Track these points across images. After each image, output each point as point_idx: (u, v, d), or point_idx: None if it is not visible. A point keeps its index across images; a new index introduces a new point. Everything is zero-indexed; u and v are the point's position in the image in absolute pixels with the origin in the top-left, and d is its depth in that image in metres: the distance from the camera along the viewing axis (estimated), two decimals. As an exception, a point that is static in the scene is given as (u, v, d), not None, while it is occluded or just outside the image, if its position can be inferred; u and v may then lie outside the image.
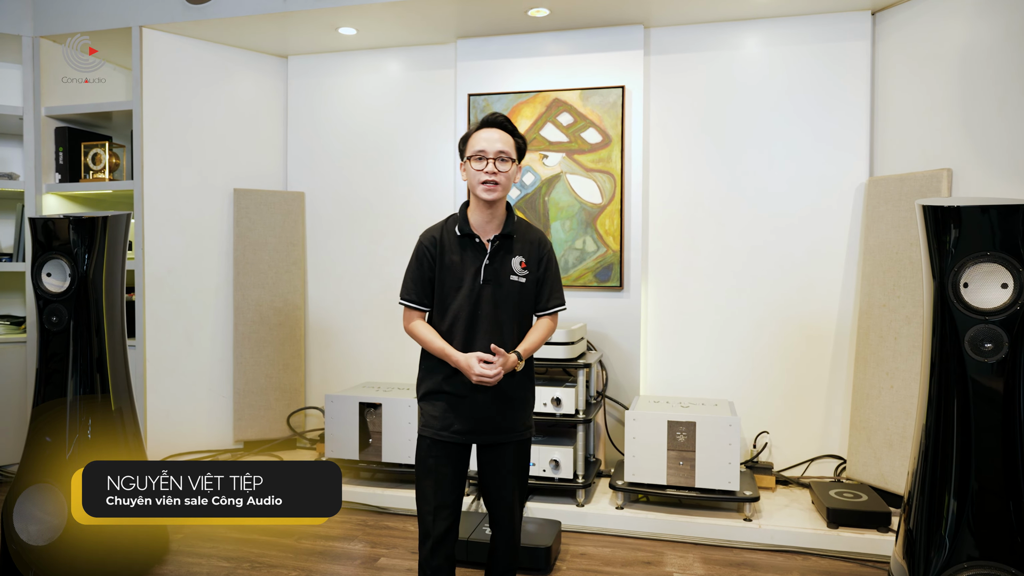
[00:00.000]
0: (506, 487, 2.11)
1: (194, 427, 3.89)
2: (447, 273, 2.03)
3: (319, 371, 4.20)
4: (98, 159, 3.83)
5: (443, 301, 2.05)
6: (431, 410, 2.07)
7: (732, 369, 3.62)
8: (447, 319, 2.04)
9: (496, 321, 2.02)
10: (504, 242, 2.06)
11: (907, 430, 3.07)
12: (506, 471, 2.10)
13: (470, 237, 2.05)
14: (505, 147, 2.00)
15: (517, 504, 2.14)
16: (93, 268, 2.62)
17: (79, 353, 2.60)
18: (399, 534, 3.08)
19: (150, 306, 3.70)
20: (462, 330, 2.02)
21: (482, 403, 2.03)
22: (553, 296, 2.12)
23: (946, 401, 1.97)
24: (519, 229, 2.09)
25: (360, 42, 3.93)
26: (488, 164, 1.98)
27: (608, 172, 3.60)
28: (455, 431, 2.04)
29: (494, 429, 2.06)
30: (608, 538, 3.05)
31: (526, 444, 2.15)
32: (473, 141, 2.03)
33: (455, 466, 2.08)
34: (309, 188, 4.18)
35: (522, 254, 2.07)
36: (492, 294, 2.02)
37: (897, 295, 3.17)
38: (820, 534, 2.90)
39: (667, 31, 3.64)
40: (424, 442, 2.09)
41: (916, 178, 3.13)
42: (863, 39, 3.42)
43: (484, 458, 2.12)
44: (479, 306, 2.02)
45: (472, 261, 2.03)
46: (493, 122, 2.03)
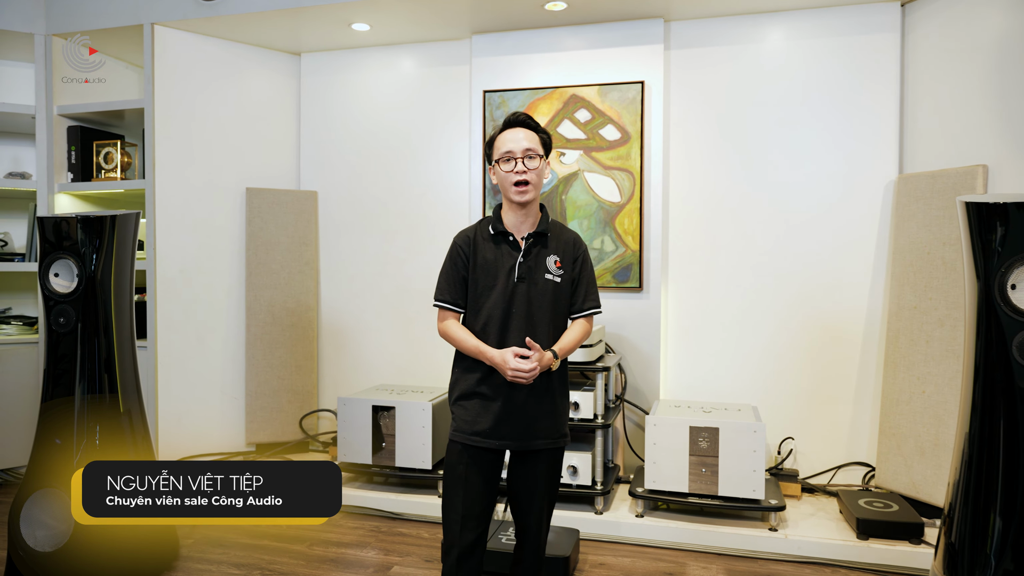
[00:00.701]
0: (536, 497, 2.05)
1: (205, 430, 3.84)
2: (481, 272, 2.01)
3: (332, 373, 4.14)
4: (110, 158, 3.79)
5: (476, 300, 2.02)
6: (463, 414, 2.02)
7: (755, 372, 3.51)
8: (481, 318, 2.00)
9: (531, 320, 1.98)
10: (538, 240, 2.03)
11: (940, 437, 2.95)
12: (537, 480, 2.04)
13: (503, 235, 2.02)
14: (531, 144, 1.99)
15: (546, 515, 2.08)
16: (101, 268, 2.57)
17: (87, 354, 2.55)
18: (413, 541, 3.00)
19: (161, 307, 3.65)
20: (496, 329, 1.98)
21: (516, 407, 1.98)
22: (588, 297, 2.07)
23: (991, 410, 1.86)
24: (554, 228, 2.07)
25: (373, 38, 3.87)
26: (517, 164, 1.97)
27: (627, 170, 3.50)
28: (487, 435, 1.98)
29: (527, 435, 2.00)
30: (628, 547, 2.96)
31: (559, 453, 2.09)
32: (498, 143, 2.02)
33: (486, 474, 2.01)
34: (322, 187, 4.12)
35: (557, 253, 2.03)
36: (526, 292, 1.98)
37: (929, 296, 3.04)
38: (849, 545, 2.78)
39: (688, 24, 3.54)
40: (454, 447, 2.03)
41: (949, 175, 3.01)
42: (892, 31, 3.30)
43: (515, 465, 2.06)
44: (513, 304, 1.98)
45: (506, 259, 2.00)
46: (515, 121, 2.03)
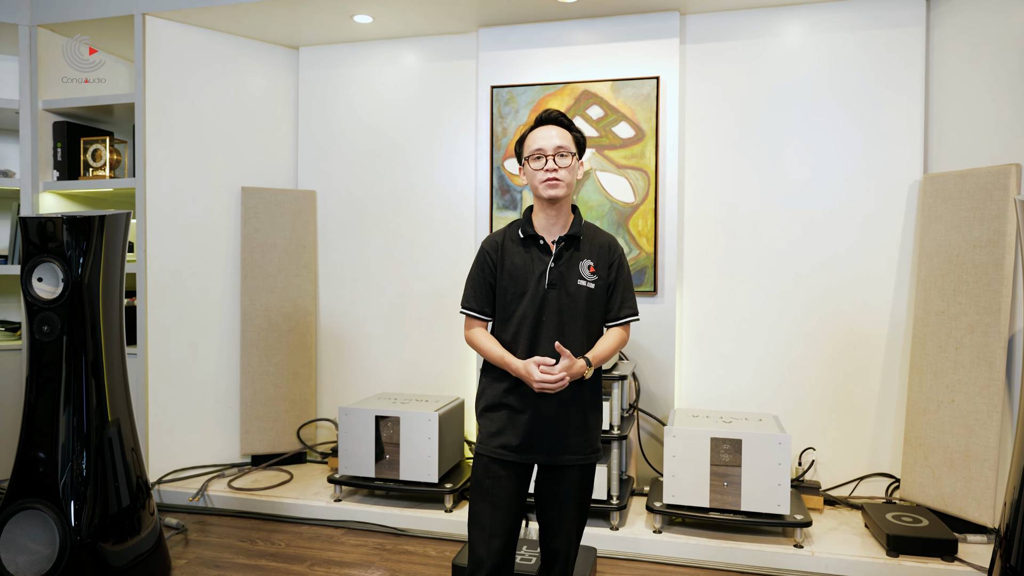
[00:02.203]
0: (566, 516, 1.91)
1: (198, 440, 3.66)
2: (509, 278, 1.89)
3: (331, 381, 3.97)
4: (98, 155, 3.61)
5: (505, 308, 1.90)
6: (489, 426, 1.91)
7: (773, 379, 3.38)
8: (511, 327, 1.89)
9: (562, 329, 1.86)
10: (570, 243, 1.90)
11: (971, 448, 2.82)
12: (566, 497, 1.90)
13: (534, 239, 1.90)
14: (563, 142, 1.88)
15: (576, 536, 1.94)
16: (89, 272, 2.40)
17: (72, 363, 2.38)
18: (419, 560, 2.84)
19: (152, 312, 3.48)
20: (526, 339, 1.86)
21: (545, 420, 1.86)
22: (626, 304, 1.94)
23: (1055, 425, 1.73)
24: (587, 231, 1.94)
25: (376, 31, 3.71)
26: (547, 161, 1.86)
27: (641, 169, 3.36)
28: (514, 449, 1.86)
29: (556, 449, 1.88)
30: (646, 564, 2.81)
31: (590, 470, 1.95)
32: (529, 141, 1.91)
33: (513, 489, 1.89)
34: (321, 187, 3.96)
35: (590, 257, 1.90)
36: (558, 299, 1.86)
37: (958, 301, 2.92)
38: (879, 563, 2.65)
39: (704, 18, 3.40)
40: (480, 461, 1.91)
41: (979, 174, 2.88)
42: (917, 25, 3.18)
43: (543, 481, 1.93)
44: (543, 312, 1.86)
45: (536, 264, 1.88)
46: (548, 119, 1.92)
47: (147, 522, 2.55)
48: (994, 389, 2.76)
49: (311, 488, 3.44)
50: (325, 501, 3.26)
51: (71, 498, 2.34)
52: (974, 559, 2.61)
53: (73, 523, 2.31)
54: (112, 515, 2.41)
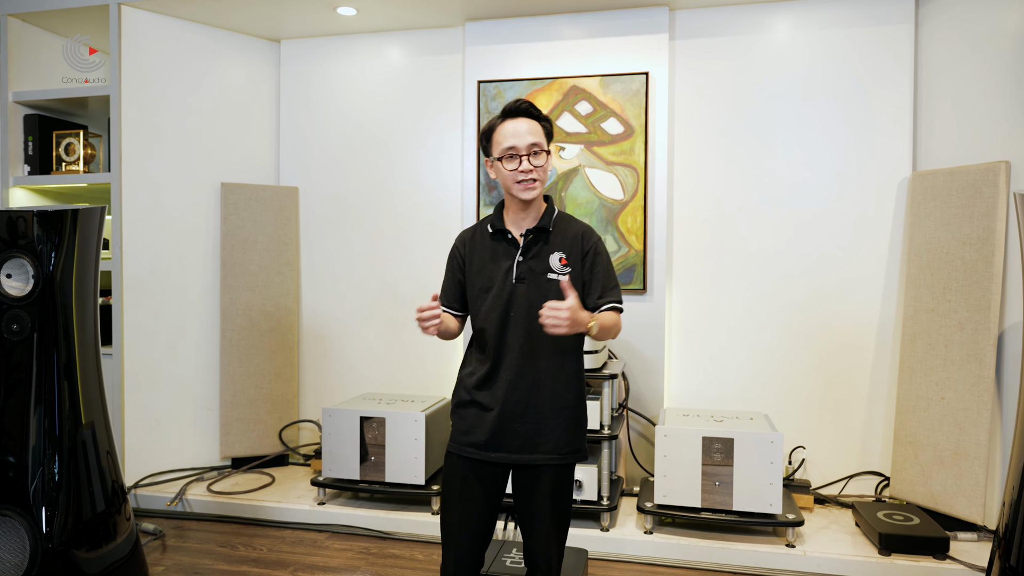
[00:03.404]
0: (539, 519, 1.82)
1: (177, 443, 3.56)
2: (477, 274, 1.84)
3: (314, 381, 3.89)
4: (72, 149, 3.49)
5: (473, 304, 1.85)
6: (459, 423, 1.85)
7: (762, 378, 3.36)
8: (478, 322, 1.84)
9: (531, 323, 1.76)
10: (539, 236, 1.82)
11: (961, 446, 2.81)
12: (542, 499, 1.81)
13: (502, 233, 1.84)
14: (536, 138, 1.79)
15: (555, 540, 1.84)
16: (61, 268, 2.30)
17: (44, 363, 2.28)
18: (407, 564, 2.78)
19: (128, 311, 3.37)
20: (493, 336, 1.79)
21: (514, 415, 1.78)
22: (607, 293, 1.81)
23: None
24: (559, 222, 1.85)
25: (360, 24, 3.63)
26: (522, 162, 1.77)
27: (630, 166, 3.32)
28: (482, 447, 1.79)
29: (527, 447, 1.79)
30: (637, 566, 2.77)
31: (567, 471, 1.84)
32: (499, 136, 1.80)
33: (485, 488, 1.82)
34: (303, 183, 3.87)
35: (561, 249, 1.81)
36: (526, 294, 1.78)
37: (948, 299, 2.91)
38: (872, 562, 2.63)
39: (694, 13, 3.37)
40: (450, 459, 1.85)
41: (969, 172, 2.88)
42: (905, 22, 3.17)
43: (517, 482, 1.85)
44: (512, 307, 1.78)
45: (504, 259, 1.82)
46: (518, 110, 1.81)
47: (123, 528, 2.45)
48: (984, 386, 2.76)
49: (294, 491, 3.35)
50: (308, 504, 3.17)
51: (42, 504, 2.24)
52: (965, 557, 2.60)
53: (45, 530, 2.21)
54: (86, 521, 2.32)
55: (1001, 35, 2.84)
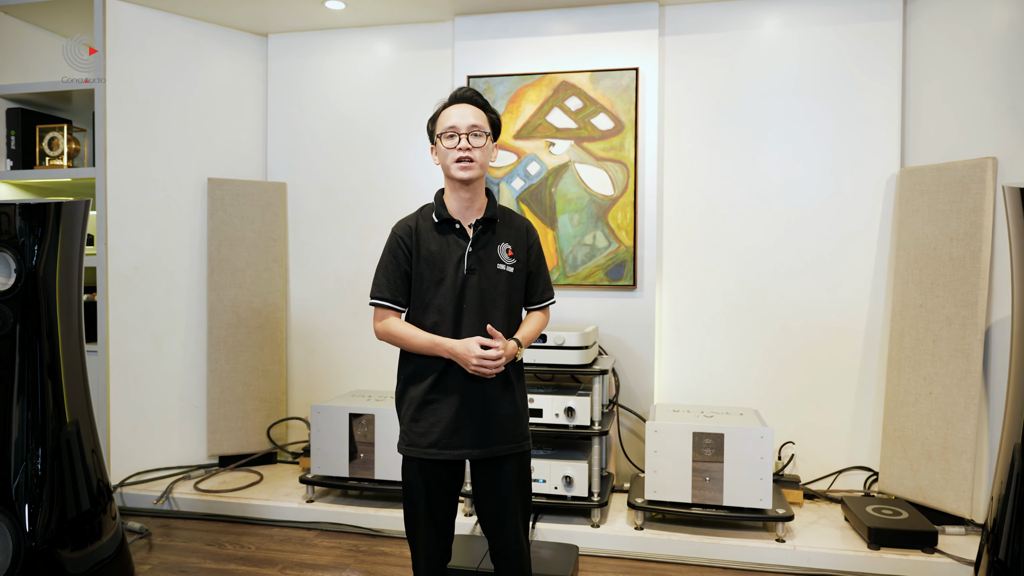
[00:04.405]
0: (509, 509, 1.85)
1: (163, 441, 3.52)
2: (426, 265, 1.82)
3: (302, 378, 3.86)
4: (55, 144, 3.44)
5: (423, 297, 1.83)
6: (416, 427, 1.83)
7: (752, 374, 3.36)
8: (430, 316, 1.82)
9: (484, 314, 1.81)
10: (488, 227, 1.85)
11: (949, 440, 2.83)
12: (507, 490, 1.84)
13: (449, 223, 1.84)
14: (477, 121, 1.82)
15: (522, 529, 1.88)
16: (44, 262, 2.27)
17: (26, 360, 2.24)
18: (396, 560, 2.76)
19: (114, 307, 3.33)
20: (448, 327, 1.80)
21: (471, 410, 1.80)
22: (547, 289, 1.97)
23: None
24: (503, 214, 1.90)
25: (348, 19, 3.61)
26: (460, 140, 1.79)
27: (620, 161, 3.32)
28: (444, 446, 1.80)
29: (487, 440, 1.82)
30: (628, 562, 2.76)
31: (526, 457, 1.91)
32: (443, 119, 1.84)
33: (447, 486, 1.86)
34: (291, 179, 3.84)
35: (508, 241, 1.87)
36: (478, 284, 1.81)
37: (936, 294, 2.93)
38: (861, 556, 2.64)
39: (683, 9, 3.37)
40: (411, 464, 1.85)
41: (956, 168, 2.89)
42: (894, 19, 3.18)
43: (479, 477, 1.87)
44: (464, 298, 1.80)
45: (454, 250, 1.82)
46: (462, 97, 1.85)
47: (108, 527, 2.42)
48: (971, 381, 2.78)
49: (282, 489, 3.32)
50: (297, 502, 3.15)
51: (25, 502, 2.20)
52: (954, 550, 2.62)
53: (28, 528, 2.18)
54: (71, 520, 2.28)
55: (987, 32, 2.86)
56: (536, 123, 3.39)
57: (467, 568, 2.43)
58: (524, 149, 3.42)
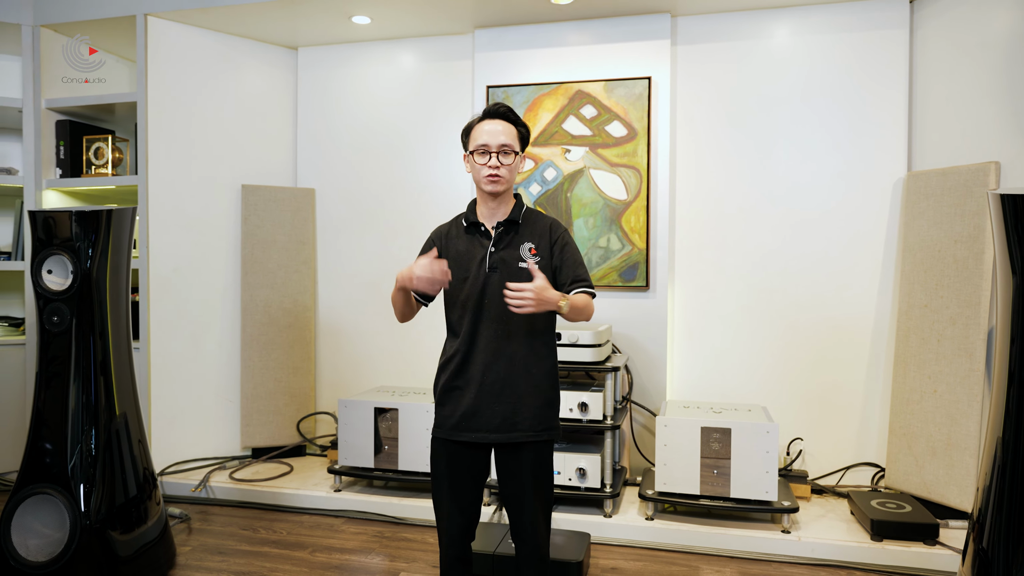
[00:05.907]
0: (525, 495, 1.95)
1: (200, 433, 3.73)
2: (454, 264, 1.97)
3: (330, 375, 4.04)
4: (100, 153, 3.67)
5: (452, 293, 1.99)
6: (442, 411, 2.00)
7: (762, 372, 3.47)
8: (455, 311, 1.99)
9: (504, 310, 1.90)
10: (510, 227, 1.99)
11: (952, 437, 2.91)
12: (524, 476, 1.95)
13: (476, 226, 2.00)
14: (508, 139, 1.95)
15: (540, 515, 1.98)
16: (97, 265, 2.47)
17: (81, 355, 2.44)
18: (419, 547, 2.92)
19: (155, 307, 3.54)
20: (469, 321, 1.94)
21: (491, 394, 1.92)
22: (578, 276, 1.95)
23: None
24: (528, 217, 2.03)
25: (373, 32, 3.78)
26: (491, 158, 1.93)
27: (633, 167, 3.45)
28: (464, 428, 1.94)
29: (506, 426, 1.93)
30: (638, 551, 2.90)
31: (546, 447, 1.99)
32: (475, 134, 1.97)
33: (470, 469, 1.98)
34: (319, 184, 4.03)
35: (531, 240, 1.98)
36: (499, 282, 1.92)
37: (940, 295, 3.02)
38: (864, 547, 2.74)
39: (695, 20, 3.49)
40: (436, 443, 2.01)
41: (960, 172, 2.98)
42: (900, 27, 3.27)
43: (501, 461, 1.99)
44: (486, 294, 1.94)
45: (478, 250, 1.97)
46: (495, 113, 1.98)
47: (153, 512, 2.61)
48: (974, 379, 2.86)
49: (311, 479, 3.51)
50: (325, 491, 3.33)
51: (80, 482, 2.40)
52: (954, 543, 2.70)
53: (83, 508, 2.37)
54: (119, 505, 2.48)
55: (992, 40, 2.94)
56: (553, 131, 3.54)
57: (485, 552, 2.58)
58: (541, 156, 3.57)
